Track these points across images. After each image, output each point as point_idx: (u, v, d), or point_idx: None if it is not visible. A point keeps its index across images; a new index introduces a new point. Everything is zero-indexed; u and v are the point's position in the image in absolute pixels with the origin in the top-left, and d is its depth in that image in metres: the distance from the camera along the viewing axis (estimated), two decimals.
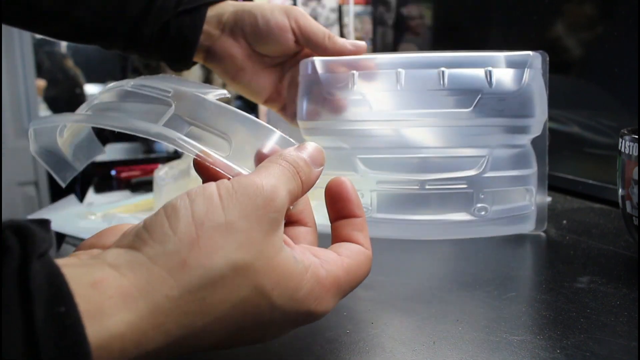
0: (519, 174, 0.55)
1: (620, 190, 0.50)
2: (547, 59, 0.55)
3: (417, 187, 0.53)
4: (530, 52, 0.54)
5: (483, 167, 0.53)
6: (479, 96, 0.52)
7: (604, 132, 0.74)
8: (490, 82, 0.52)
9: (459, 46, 0.50)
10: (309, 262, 0.27)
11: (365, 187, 0.54)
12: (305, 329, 0.38)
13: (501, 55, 0.53)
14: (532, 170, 0.56)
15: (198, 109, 0.33)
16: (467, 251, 0.54)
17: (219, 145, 0.32)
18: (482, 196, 0.53)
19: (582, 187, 0.75)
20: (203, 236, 0.23)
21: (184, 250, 0.23)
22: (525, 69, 0.53)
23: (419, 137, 0.54)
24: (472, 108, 0.52)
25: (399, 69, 0.52)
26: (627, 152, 0.48)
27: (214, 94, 0.34)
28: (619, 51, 0.71)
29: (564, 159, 0.78)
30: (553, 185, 0.72)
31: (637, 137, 0.47)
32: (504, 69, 0.53)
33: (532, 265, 0.50)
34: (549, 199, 0.58)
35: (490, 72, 0.52)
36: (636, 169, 0.47)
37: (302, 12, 0.56)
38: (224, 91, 0.36)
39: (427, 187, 0.53)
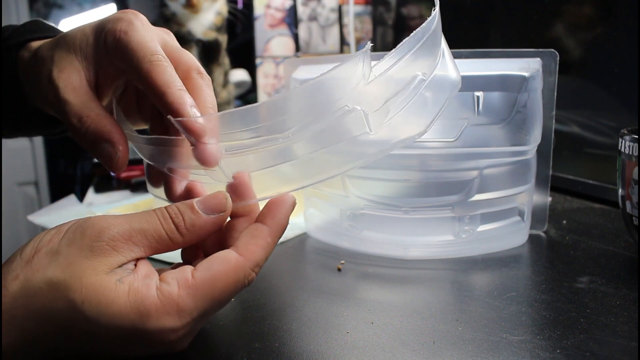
0: (511, 192, 0.52)
1: (620, 190, 0.50)
2: (557, 58, 0.52)
3: (400, 212, 0.51)
4: (526, 74, 0.49)
5: (469, 191, 0.51)
6: (464, 125, 0.49)
7: (604, 132, 0.74)
8: (477, 110, 0.49)
9: (458, 46, 0.50)
10: (136, 284, 0.30)
11: (353, 208, 0.54)
12: (304, 328, 0.38)
13: (495, 74, 0.49)
14: (527, 186, 0.54)
15: None
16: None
17: None
18: (467, 219, 0.52)
19: (582, 187, 0.75)
20: (36, 258, 0.29)
21: (19, 268, 0.29)
22: (519, 94, 0.49)
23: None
24: (456, 138, 0.49)
25: None
26: (627, 152, 0.48)
27: None
28: (619, 51, 0.71)
29: (564, 159, 0.78)
30: (553, 185, 0.72)
31: (637, 137, 0.47)
32: (495, 93, 0.49)
33: (532, 265, 0.50)
34: (549, 199, 0.58)
35: (478, 97, 0.48)
36: (636, 169, 0.47)
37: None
38: None
39: (410, 212, 0.51)
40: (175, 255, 0.37)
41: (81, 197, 0.88)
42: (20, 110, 0.44)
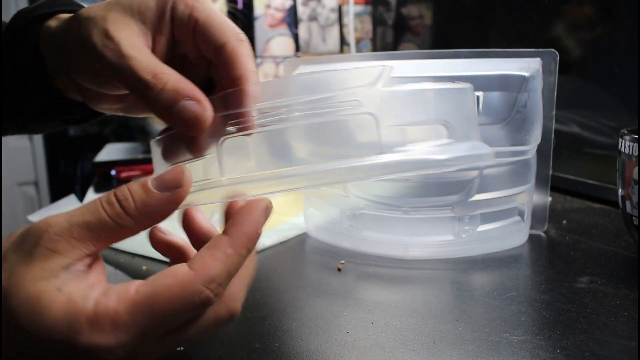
0: (511, 192, 0.52)
1: (620, 190, 0.50)
2: (557, 58, 0.52)
3: (400, 212, 0.51)
4: (526, 74, 0.49)
5: (469, 191, 0.51)
6: None
7: (604, 132, 0.74)
8: (477, 110, 0.48)
9: (458, 46, 0.50)
10: (76, 295, 0.27)
11: (353, 208, 0.54)
12: (304, 328, 0.38)
13: (495, 74, 0.49)
14: (527, 186, 0.54)
15: None
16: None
17: None
18: (467, 219, 0.52)
19: (582, 187, 0.75)
20: None
21: None
22: (519, 94, 0.49)
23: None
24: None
25: None
26: (627, 152, 0.48)
27: None
28: (619, 51, 0.71)
29: (564, 159, 0.78)
30: (553, 185, 0.72)
31: (637, 137, 0.47)
32: (495, 93, 0.49)
33: (532, 265, 0.50)
34: (549, 199, 0.58)
35: (478, 97, 0.48)
36: (636, 169, 0.47)
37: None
38: None
39: (410, 212, 0.51)
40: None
41: (81, 197, 0.88)
42: (39, 89, 0.40)
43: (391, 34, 1.30)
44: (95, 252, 0.29)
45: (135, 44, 0.33)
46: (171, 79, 0.32)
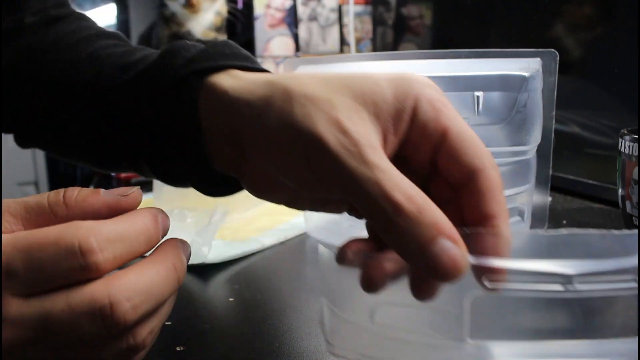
0: (511, 193, 0.52)
1: (620, 190, 0.50)
2: (557, 58, 0.52)
3: None
4: (526, 74, 0.49)
5: None
6: None
7: (604, 132, 0.74)
8: (477, 110, 0.48)
9: (459, 46, 0.50)
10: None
11: None
12: (304, 328, 0.38)
13: (495, 74, 0.49)
14: (527, 186, 0.53)
15: None
16: None
17: None
18: None
19: (582, 187, 0.75)
20: None
21: None
22: (520, 94, 0.49)
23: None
24: None
25: None
26: (627, 152, 0.48)
27: None
28: (619, 51, 0.71)
29: (564, 159, 0.78)
30: (553, 185, 0.72)
31: (637, 137, 0.47)
32: (495, 93, 0.49)
33: None
34: (549, 199, 0.58)
35: (478, 97, 0.48)
36: (636, 169, 0.47)
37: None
38: None
39: None
40: None
41: None
42: (183, 153, 0.33)
43: (391, 34, 1.30)
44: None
45: (374, 145, 0.25)
46: (428, 206, 0.24)
